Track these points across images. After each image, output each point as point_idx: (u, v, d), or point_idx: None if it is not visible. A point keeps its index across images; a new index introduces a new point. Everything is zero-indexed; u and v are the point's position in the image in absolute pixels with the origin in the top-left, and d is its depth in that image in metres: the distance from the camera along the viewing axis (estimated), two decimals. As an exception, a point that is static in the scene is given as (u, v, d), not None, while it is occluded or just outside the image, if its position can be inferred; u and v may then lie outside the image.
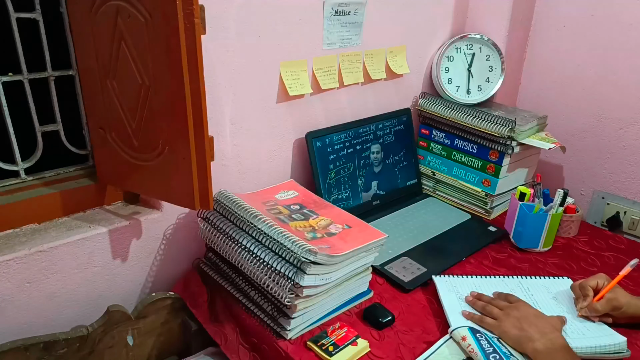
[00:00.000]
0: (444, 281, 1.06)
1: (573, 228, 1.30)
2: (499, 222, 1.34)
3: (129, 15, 0.83)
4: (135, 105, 0.89)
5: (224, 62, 1.05)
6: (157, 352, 1.08)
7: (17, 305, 0.94)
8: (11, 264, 0.90)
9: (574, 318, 0.96)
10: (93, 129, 1.00)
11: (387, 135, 1.38)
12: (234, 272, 1.02)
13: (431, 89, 1.52)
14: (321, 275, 0.89)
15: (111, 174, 1.02)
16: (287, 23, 1.12)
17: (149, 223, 1.06)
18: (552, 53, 1.52)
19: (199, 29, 0.79)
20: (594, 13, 1.40)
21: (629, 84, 1.37)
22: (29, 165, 1.00)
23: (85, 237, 0.98)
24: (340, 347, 0.88)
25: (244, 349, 0.97)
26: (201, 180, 0.88)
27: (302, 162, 1.28)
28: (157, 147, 0.90)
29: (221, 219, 1.01)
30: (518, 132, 1.28)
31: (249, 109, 1.13)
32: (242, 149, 1.15)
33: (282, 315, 0.91)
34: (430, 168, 1.48)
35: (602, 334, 0.92)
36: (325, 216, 1.03)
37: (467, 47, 1.45)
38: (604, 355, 0.89)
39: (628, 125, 1.40)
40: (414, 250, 1.18)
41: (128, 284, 1.08)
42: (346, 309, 1.00)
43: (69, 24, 0.95)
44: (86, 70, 0.95)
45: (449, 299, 1.00)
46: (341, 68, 1.27)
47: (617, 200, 1.45)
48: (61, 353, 0.91)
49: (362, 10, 1.25)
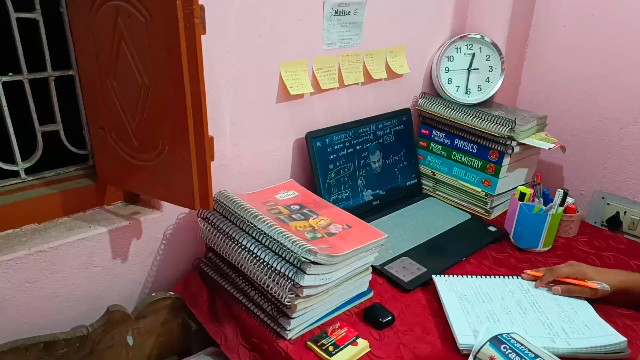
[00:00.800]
0: (444, 281, 1.06)
1: (573, 228, 1.30)
2: (499, 222, 1.34)
3: (129, 15, 0.83)
4: (135, 105, 0.89)
5: (224, 62, 1.05)
6: (157, 352, 1.08)
7: (17, 305, 0.94)
8: (11, 264, 0.90)
9: (575, 318, 0.97)
10: (93, 129, 1.00)
11: (387, 135, 1.38)
12: (234, 272, 1.02)
13: (431, 89, 1.52)
14: (321, 275, 0.89)
15: (111, 174, 1.02)
16: (287, 23, 1.12)
17: (149, 223, 1.06)
18: (552, 53, 1.52)
19: (199, 29, 0.79)
20: (594, 13, 1.40)
21: (629, 84, 1.37)
22: (29, 165, 1.00)
23: (85, 237, 0.98)
24: (340, 347, 0.88)
25: (244, 349, 0.97)
26: (201, 180, 0.88)
27: (302, 162, 1.28)
28: (157, 147, 0.90)
29: (221, 219, 1.01)
30: (518, 132, 1.28)
31: (249, 109, 1.13)
32: (242, 149, 1.15)
33: (282, 315, 0.91)
34: (430, 168, 1.48)
35: (602, 334, 0.92)
36: (325, 216, 1.03)
37: (467, 47, 1.45)
38: (604, 355, 0.89)
39: (628, 125, 1.40)
40: (414, 250, 1.18)
41: (128, 284, 1.08)
42: (346, 309, 1.00)
43: (69, 24, 0.95)
44: (86, 70, 0.95)
45: (449, 299, 1.00)
46: (341, 68, 1.27)
47: (617, 200, 1.45)
48: (61, 353, 0.91)
49: (362, 10, 1.25)
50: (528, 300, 1.02)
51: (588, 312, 0.99)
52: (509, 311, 0.98)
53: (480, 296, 1.03)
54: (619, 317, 0.99)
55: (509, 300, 1.02)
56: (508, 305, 1.00)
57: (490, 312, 0.97)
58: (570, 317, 0.97)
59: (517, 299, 1.02)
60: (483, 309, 0.98)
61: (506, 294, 1.03)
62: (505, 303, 1.01)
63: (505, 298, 1.02)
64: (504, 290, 1.04)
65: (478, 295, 1.03)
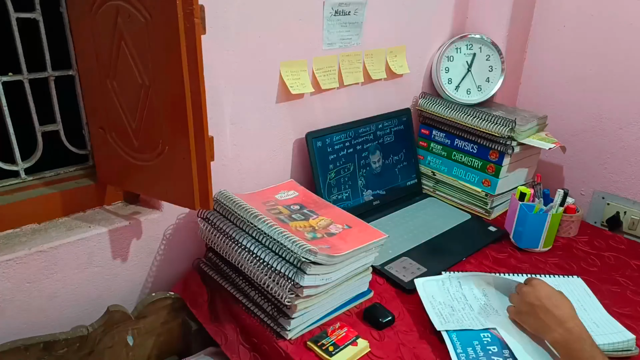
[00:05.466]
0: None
1: (573, 228, 1.30)
2: (499, 222, 1.34)
3: (129, 15, 0.83)
4: (135, 105, 0.89)
5: (224, 62, 1.05)
6: (157, 352, 1.08)
7: (17, 305, 0.94)
8: (11, 264, 0.90)
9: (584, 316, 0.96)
10: (93, 129, 1.00)
11: (387, 135, 1.38)
12: (234, 272, 1.02)
13: (431, 89, 1.52)
14: (321, 276, 0.89)
15: (111, 174, 1.02)
16: (287, 23, 1.12)
17: (149, 223, 1.06)
18: (552, 53, 1.52)
19: (199, 29, 0.79)
20: (594, 13, 1.40)
21: (629, 84, 1.37)
22: (29, 165, 1.00)
23: (85, 237, 0.98)
24: (340, 347, 0.88)
25: (244, 349, 0.97)
26: (201, 180, 0.88)
27: (302, 162, 1.28)
28: (157, 147, 0.90)
29: (221, 219, 1.01)
30: (518, 132, 1.28)
31: (249, 109, 1.13)
32: (242, 149, 1.15)
33: (282, 315, 0.91)
34: (430, 168, 1.48)
35: (610, 331, 0.92)
36: (325, 216, 1.03)
37: (467, 47, 1.45)
38: (612, 353, 0.89)
39: (628, 125, 1.40)
40: (414, 250, 1.18)
41: (128, 284, 1.08)
42: (346, 309, 1.00)
43: (69, 24, 0.95)
44: (86, 70, 0.95)
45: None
46: (341, 68, 1.27)
47: (617, 200, 1.45)
48: (61, 353, 0.91)
49: (362, 10, 1.25)
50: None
51: (597, 309, 0.99)
52: None
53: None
54: (618, 317, 0.99)
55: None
56: None
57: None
58: (579, 315, 0.97)
59: None
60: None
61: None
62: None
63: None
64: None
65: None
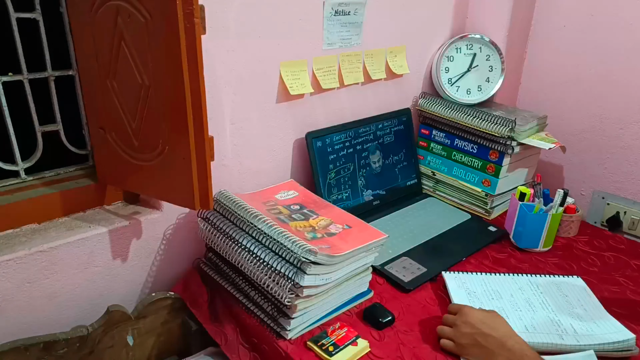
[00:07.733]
0: (453, 277, 1.07)
1: (573, 228, 1.30)
2: (499, 222, 1.34)
3: (129, 15, 0.83)
4: (135, 105, 0.89)
5: (224, 62, 1.05)
6: (157, 352, 1.08)
7: (17, 305, 0.93)
8: (11, 264, 0.90)
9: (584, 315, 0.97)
10: (93, 129, 1.00)
11: (387, 135, 1.38)
12: (234, 272, 1.02)
13: (431, 89, 1.52)
14: (321, 275, 0.89)
15: (111, 174, 1.02)
16: (287, 23, 1.12)
17: (149, 223, 1.06)
18: (552, 53, 1.52)
19: (199, 29, 0.79)
20: (594, 13, 1.40)
21: (629, 84, 1.37)
22: (29, 165, 1.00)
23: (85, 237, 0.98)
24: (340, 347, 0.88)
25: (244, 349, 0.97)
26: (201, 180, 0.88)
27: (302, 162, 1.28)
28: (157, 147, 0.90)
29: (221, 219, 1.00)
30: (518, 132, 1.28)
31: (249, 109, 1.13)
32: (242, 149, 1.15)
33: (282, 315, 0.91)
34: (430, 168, 1.48)
35: (610, 331, 0.92)
36: (326, 216, 1.03)
37: (467, 47, 1.45)
38: (612, 353, 0.89)
39: (628, 125, 1.40)
40: (414, 250, 1.18)
41: (128, 284, 1.08)
42: (346, 309, 1.00)
43: (69, 24, 0.95)
44: (86, 70, 0.95)
45: (459, 296, 1.01)
46: (341, 68, 1.27)
47: (617, 200, 1.45)
48: (61, 353, 0.91)
49: (362, 10, 1.25)
50: (537, 298, 1.02)
51: (598, 309, 1.00)
52: (518, 308, 0.99)
53: (490, 293, 1.03)
54: (618, 317, 0.98)
55: (518, 297, 1.03)
56: (517, 302, 1.01)
57: (499, 309, 0.97)
58: (580, 314, 0.98)
59: (527, 296, 1.03)
60: (492, 305, 0.99)
61: (515, 291, 1.05)
62: (515, 300, 1.02)
63: (515, 295, 1.03)
64: (513, 288, 1.05)
65: (487, 292, 1.04)
